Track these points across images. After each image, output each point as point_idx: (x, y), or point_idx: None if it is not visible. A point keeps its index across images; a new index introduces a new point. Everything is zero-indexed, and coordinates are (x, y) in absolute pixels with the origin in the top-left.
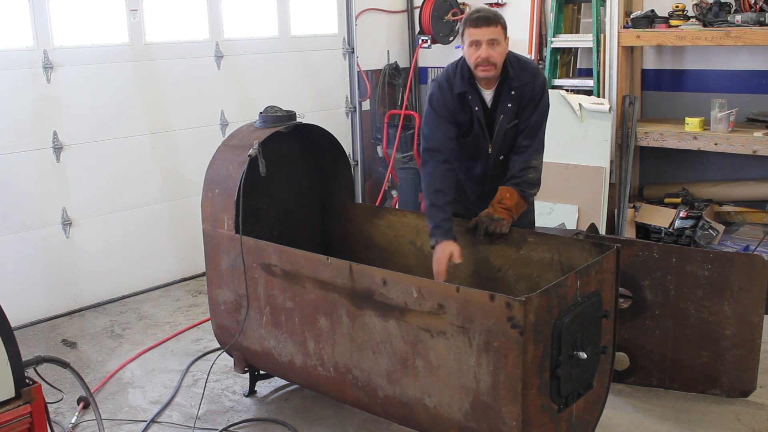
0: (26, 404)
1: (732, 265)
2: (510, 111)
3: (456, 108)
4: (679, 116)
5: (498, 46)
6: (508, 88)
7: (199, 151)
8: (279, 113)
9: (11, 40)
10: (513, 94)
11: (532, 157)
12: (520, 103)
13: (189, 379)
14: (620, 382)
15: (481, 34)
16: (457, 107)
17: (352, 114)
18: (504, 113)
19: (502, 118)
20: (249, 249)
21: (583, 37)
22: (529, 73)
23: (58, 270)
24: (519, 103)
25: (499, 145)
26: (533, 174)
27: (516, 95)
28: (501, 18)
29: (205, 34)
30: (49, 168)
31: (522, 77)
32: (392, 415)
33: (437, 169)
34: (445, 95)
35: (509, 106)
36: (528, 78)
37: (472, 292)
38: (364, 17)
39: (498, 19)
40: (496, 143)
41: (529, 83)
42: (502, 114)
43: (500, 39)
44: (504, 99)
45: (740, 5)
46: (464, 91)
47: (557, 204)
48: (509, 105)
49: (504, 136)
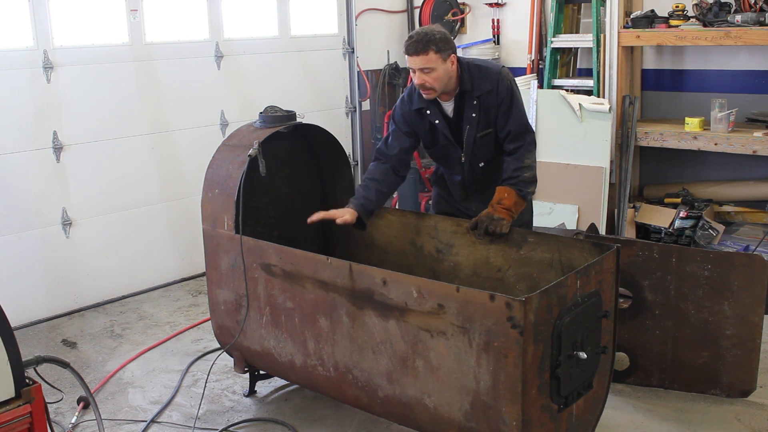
0: (26, 404)
1: (732, 265)
2: (476, 120)
3: (415, 122)
4: (679, 116)
5: (432, 72)
6: (469, 98)
7: (199, 151)
8: (279, 113)
9: (11, 40)
10: (475, 103)
11: (525, 157)
12: (488, 111)
13: (189, 379)
14: (620, 382)
15: (413, 62)
16: (416, 121)
17: (352, 114)
18: (470, 123)
19: (469, 128)
20: (249, 249)
21: (583, 37)
22: (489, 80)
23: (58, 270)
24: (486, 111)
25: (472, 152)
26: (528, 173)
27: (479, 104)
28: (433, 42)
29: (205, 34)
30: (49, 168)
31: (482, 86)
32: (392, 415)
33: (380, 166)
34: (405, 109)
35: (474, 116)
36: (489, 86)
37: (472, 292)
38: (364, 17)
39: (428, 46)
40: (468, 152)
41: (491, 91)
42: (468, 124)
43: (433, 65)
44: (468, 110)
45: (740, 5)
46: (421, 107)
47: (557, 204)
48: (474, 115)
49: (475, 144)
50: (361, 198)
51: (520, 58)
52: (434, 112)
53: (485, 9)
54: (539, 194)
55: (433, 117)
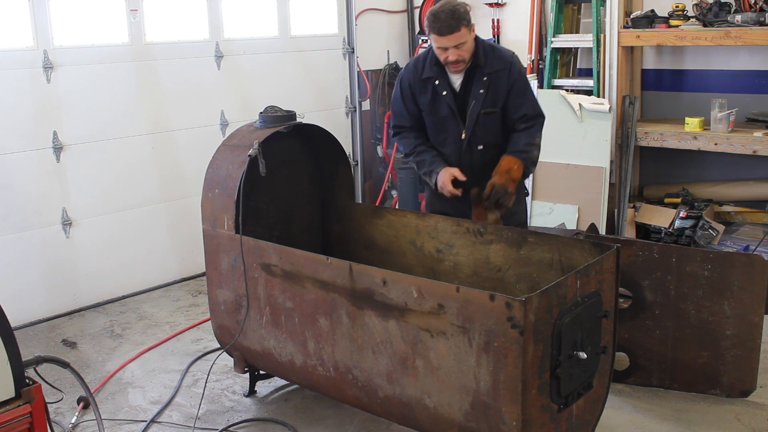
0: (26, 404)
1: (732, 265)
2: (482, 96)
3: (419, 89)
4: (679, 116)
5: (464, 45)
6: (480, 74)
7: (199, 151)
8: (279, 113)
9: (11, 40)
10: (485, 80)
11: (536, 135)
12: (497, 91)
13: (189, 379)
14: (620, 382)
15: (446, 42)
16: (420, 89)
17: (352, 114)
18: (476, 98)
19: (474, 103)
20: (249, 249)
21: (583, 37)
22: (503, 61)
23: (58, 270)
24: (495, 90)
25: (472, 130)
26: (536, 152)
27: (488, 82)
28: (462, 17)
29: (205, 34)
30: (49, 168)
31: (494, 65)
32: (392, 415)
33: (411, 134)
34: (411, 77)
35: (481, 92)
36: (501, 66)
37: (472, 292)
38: (364, 17)
39: (459, 23)
40: (469, 128)
41: (502, 71)
42: (474, 99)
43: (465, 39)
44: (476, 85)
45: (740, 5)
46: (431, 77)
47: (557, 204)
48: (481, 91)
49: (478, 122)
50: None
51: (520, 58)
52: (442, 83)
53: (485, 9)
54: (539, 194)
55: (441, 88)
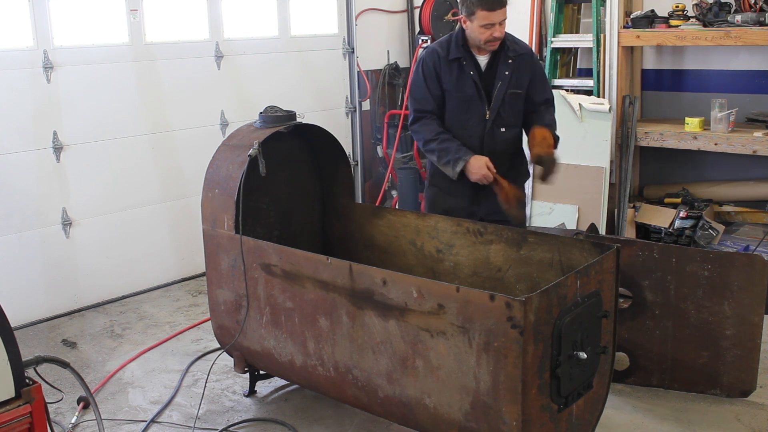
0: (26, 404)
1: (732, 265)
2: (508, 78)
3: (444, 71)
4: (679, 116)
5: (504, 23)
6: (504, 57)
7: (199, 151)
8: (279, 113)
9: (11, 40)
10: (510, 62)
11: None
12: (521, 73)
13: (189, 379)
14: (620, 382)
15: (496, 17)
16: (445, 70)
17: (352, 114)
18: (502, 79)
19: (500, 84)
20: (249, 249)
21: (583, 37)
22: (523, 46)
23: (58, 270)
24: (519, 72)
25: (497, 110)
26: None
27: (514, 64)
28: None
29: (205, 34)
30: (49, 168)
31: (517, 48)
32: (392, 415)
33: (432, 121)
34: (434, 59)
35: (507, 73)
36: (523, 50)
37: (472, 292)
38: (364, 17)
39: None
40: (494, 108)
41: (526, 54)
42: (500, 80)
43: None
44: (501, 67)
45: (740, 5)
46: (458, 57)
47: (557, 204)
48: (507, 72)
49: (503, 102)
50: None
51: None
52: (470, 64)
53: None
54: (539, 194)
55: (469, 67)
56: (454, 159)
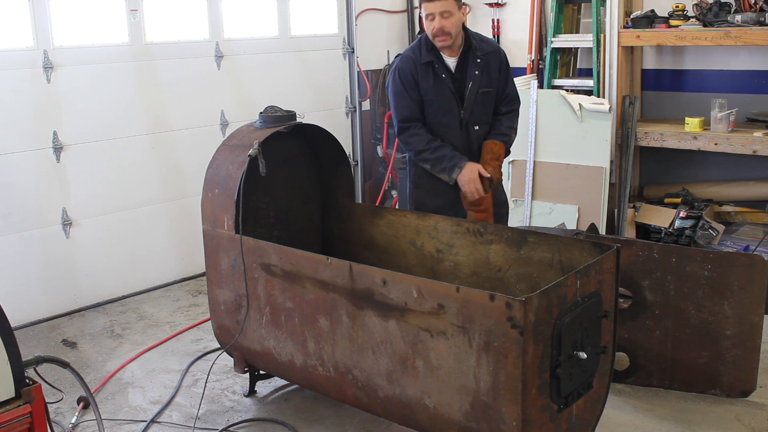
0: (26, 404)
1: (732, 265)
2: (478, 78)
3: (421, 76)
4: (679, 116)
5: (451, 17)
6: (473, 56)
7: (199, 151)
8: (279, 113)
9: (11, 40)
10: (479, 61)
11: (515, 121)
12: (490, 71)
13: (189, 379)
14: (620, 382)
15: (434, 7)
16: (422, 75)
17: (352, 114)
18: (473, 79)
19: (472, 84)
20: (249, 249)
21: (583, 37)
22: (491, 44)
23: (58, 270)
24: (488, 70)
25: (471, 110)
26: (514, 136)
27: (483, 63)
28: None
29: (205, 34)
30: (49, 168)
31: (484, 47)
32: (392, 415)
33: (420, 129)
34: (410, 66)
35: (477, 73)
36: (490, 48)
37: (472, 292)
38: (364, 17)
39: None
40: (468, 108)
41: (493, 53)
42: (471, 81)
43: (452, 10)
44: (471, 66)
45: (740, 5)
46: (431, 60)
47: (557, 204)
48: (476, 72)
49: (476, 101)
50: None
51: (520, 58)
52: (440, 67)
53: (485, 9)
54: (539, 194)
55: (440, 71)
56: (450, 167)
